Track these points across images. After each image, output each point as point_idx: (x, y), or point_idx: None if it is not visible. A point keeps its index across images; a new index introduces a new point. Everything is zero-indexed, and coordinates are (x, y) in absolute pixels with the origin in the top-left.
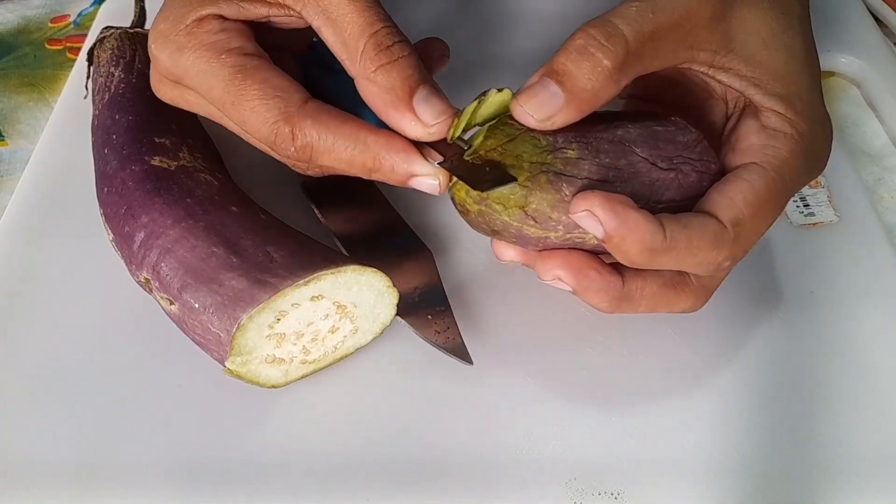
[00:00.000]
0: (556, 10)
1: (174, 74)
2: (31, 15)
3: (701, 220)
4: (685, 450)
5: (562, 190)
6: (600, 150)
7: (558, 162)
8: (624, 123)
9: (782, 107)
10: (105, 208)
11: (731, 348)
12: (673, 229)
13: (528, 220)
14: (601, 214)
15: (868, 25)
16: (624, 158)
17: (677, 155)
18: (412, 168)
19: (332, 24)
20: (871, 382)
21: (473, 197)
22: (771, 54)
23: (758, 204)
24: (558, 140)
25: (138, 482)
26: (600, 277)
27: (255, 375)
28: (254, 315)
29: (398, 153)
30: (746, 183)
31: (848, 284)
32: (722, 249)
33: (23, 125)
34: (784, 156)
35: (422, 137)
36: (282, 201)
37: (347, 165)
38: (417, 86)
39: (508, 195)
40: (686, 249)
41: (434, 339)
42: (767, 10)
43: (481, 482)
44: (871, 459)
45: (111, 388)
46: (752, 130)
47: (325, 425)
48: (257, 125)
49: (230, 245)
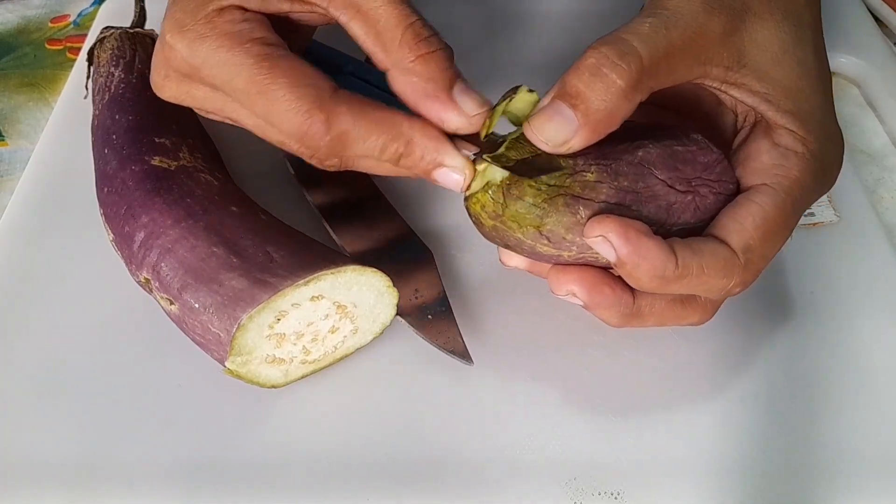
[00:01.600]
0: (565, 10)
1: (191, 66)
2: (31, 15)
3: (712, 247)
4: (685, 450)
5: (578, 213)
6: (619, 173)
7: (577, 185)
8: (645, 143)
9: (795, 125)
10: (105, 208)
11: (730, 348)
12: (685, 257)
13: (542, 238)
14: (614, 240)
15: (868, 25)
16: (642, 181)
17: (696, 177)
18: (442, 157)
19: (362, 17)
20: (871, 383)
21: (489, 212)
22: (783, 69)
23: (768, 228)
24: (578, 162)
25: (138, 482)
26: (613, 294)
27: (255, 375)
28: (254, 315)
29: (430, 140)
30: (757, 207)
31: (848, 284)
32: (732, 276)
33: (23, 125)
34: (795, 176)
35: (461, 128)
36: (282, 201)
37: (379, 152)
38: (455, 78)
39: (524, 215)
40: (697, 277)
41: (434, 339)
42: (780, 22)
43: (481, 482)
44: (871, 459)
45: (111, 388)
46: (763, 149)
47: (325, 425)
48: (287, 115)
49: (230, 245)
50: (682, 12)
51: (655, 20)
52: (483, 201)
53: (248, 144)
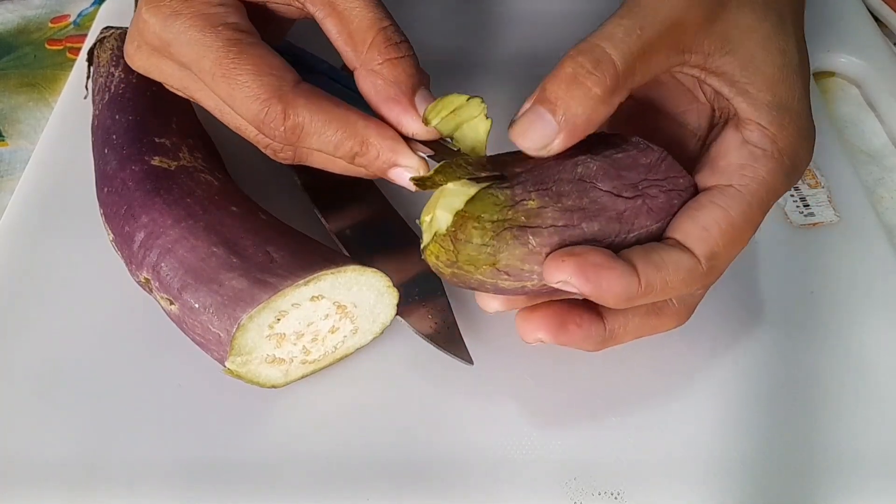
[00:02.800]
0: (561, 10)
1: (162, 40)
2: (31, 15)
3: (675, 258)
4: (685, 450)
5: (529, 243)
6: (561, 194)
7: (521, 215)
8: (583, 158)
9: (767, 119)
10: (105, 208)
11: (730, 348)
12: (647, 274)
13: (501, 275)
14: (575, 282)
15: (868, 25)
16: (586, 196)
17: (642, 179)
18: (397, 157)
19: (337, 16)
20: (871, 382)
21: (443, 261)
22: (765, 57)
23: (734, 234)
24: (517, 192)
25: (138, 482)
26: (580, 330)
27: (255, 375)
28: (254, 315)
29: (386, 140)
30: (722, 211)
31: (848, 284)
32: (695, 284)
33: (23, 125)
34: (762, 177)
35: (417, 133)
36: (282, 201)
37: (333, 149)
38: (419, 85)
39: (476, 256)
40: (661, 291)
41: (434, 339)
42: (761, 11)
43: (481, 482)
44: (871, 459)
45: (111, 388)
46: (732, 146)
47: (325, 425)
48: (247, 101)
49: (230, 245)
50: (658, 6)
51: (629, 21)
52: (436, 252)
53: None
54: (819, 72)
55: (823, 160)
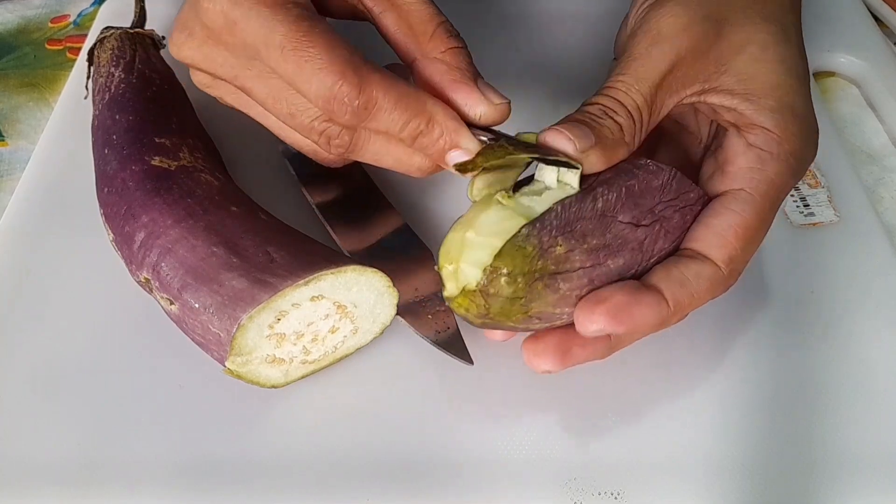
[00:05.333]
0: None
1: (228, 19)
2: (31, 15)
3: (696, 270)
4: (685, 450)
5: (560, 289)
6: (586, 234)
7: (550, 264)
8: (601, 190)
9: (771, 123)
10: (105, 208)
11: (731, 348)
12: (674, 294)
13: (532, 320)
14: (611, 329)
15: (868, 25)
16: (609, 232)
17: (657, 203)
18: (459, 138)
19: (396, 11)
20: (870, 383)
21: (474, 314)
22: (763, 67)
23: (749, 235)
24: (544, 240)
25: (138, 482)
26: (585, 350)
27: (255, 375)
28: (254, 315)
29: (451, 120)
30: (737, 216)
31: (848, 284)
32: (719, 289)
33: (23, 125)
34: (771, 178)
35: (485, 114)
36: (282, 201)
37: (401, 126)
38: (478, 74)
39: (509, 308)
40: (690, 305)
41: (434, 339)
42: (758, 24)
43: (481, 482)
44: (871, 459)
45: (111, 388)
46: (738, 151)
47: (325, 425)
48: (320, 74)
49: (230, 245)
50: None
51: (628, 78)
52: (465, 305)
53: (248, 145)
54: (819, 72)
55: (823, 160)
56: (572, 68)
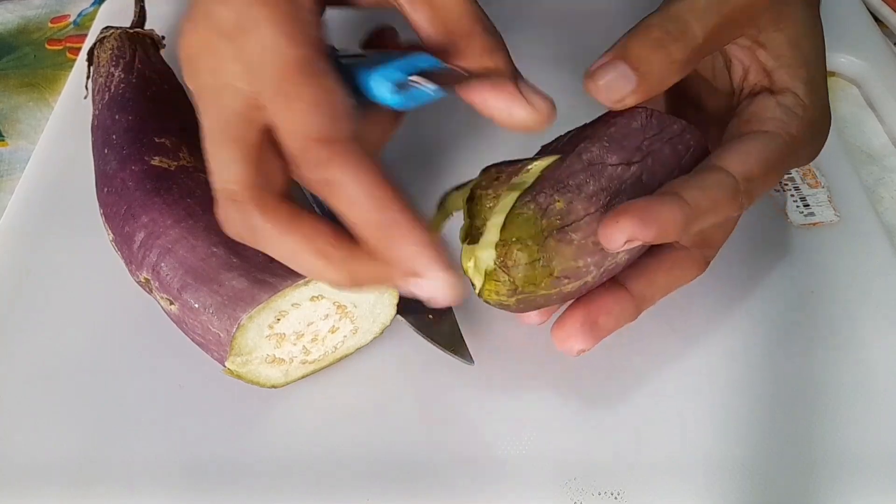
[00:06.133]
0: (568, 10)
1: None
2: (31, 15)
3: (715, 178)
4: (685, 450)
5: (573, 240)
6: (580, 185)
7: (554, 219)
8: (583, 146)
9: (802, 91)
10: (105, 208)
11: (730, 348)
12: (693, 197)
13: (562, 281)
14: (639, 234)
15: (868, 25)
16: (602, 177)
17: (642, 140)
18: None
19: (434, 11)
20: (871, 382)
21: (504, 293)
22: (805, 39)
23: (768, 165)
24: (540, 201)
25: (138, 482)
26: (612, 317)
27: (255, 375)
28: (254, 315)
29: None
30: (761, 144)
31: (848, 284)
32: (738, 201)
33: (23, 125)
34: (794, 132)
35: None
36: None
37: (362, 212)
38: (519, 75)
39: (533, 274)
40: (711, 210)
41: (434, 339)
42: (806, 6)
43: (481, 482)
44: (871, 459)
45: (111, 388)
46: (769, 106)
47: (325, 425)
48: (295, 127)
49: (230, 245)
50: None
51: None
52: (494, 288)
53: None
54: None
55: (823, 160)
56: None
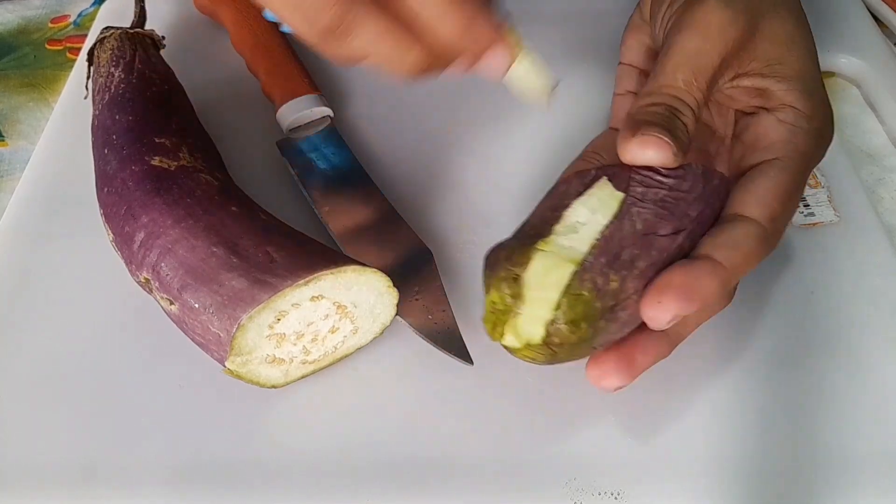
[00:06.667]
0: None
1: None
2: (31, 15)
3: (743, 231)
4: (685, 450)
5: (619, 318)
6: (634, 259)
7: (609, 300)
8: (635, 211)
9: (801, 103)
10: (105, 208)
11: (730, 348)
12: (727, 257)
13: (596, 350)
14: (686, 308)
15: (868, 25)
16: (653, 249)
17: (689, 207)
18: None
19: None
20: (870, 383)
21: (542, 362)
22: (792, 54)
23: (786, 197)
24: (597, 280)
25: (138, 482)
26: (648, 355)
27: (255, 375)
28: (254, 315)
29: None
30: (773, 179)
31: (848, 284)
32: (767, 247)
33: (23, 125)
34: (802, 149)
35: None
36: (282, 201)
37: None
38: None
39: (577, 350)
40: (745, 264)
41: (434, 339)
42: (784, 17)
43: (481, 482)
44: (871, 459)
45: (111, 388)
46: (770, 127)
47: (325, 425)
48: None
49: (230, 245)
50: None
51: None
52: (531, 356)
53: (247, 145)
54: None
55: (823, 160)
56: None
